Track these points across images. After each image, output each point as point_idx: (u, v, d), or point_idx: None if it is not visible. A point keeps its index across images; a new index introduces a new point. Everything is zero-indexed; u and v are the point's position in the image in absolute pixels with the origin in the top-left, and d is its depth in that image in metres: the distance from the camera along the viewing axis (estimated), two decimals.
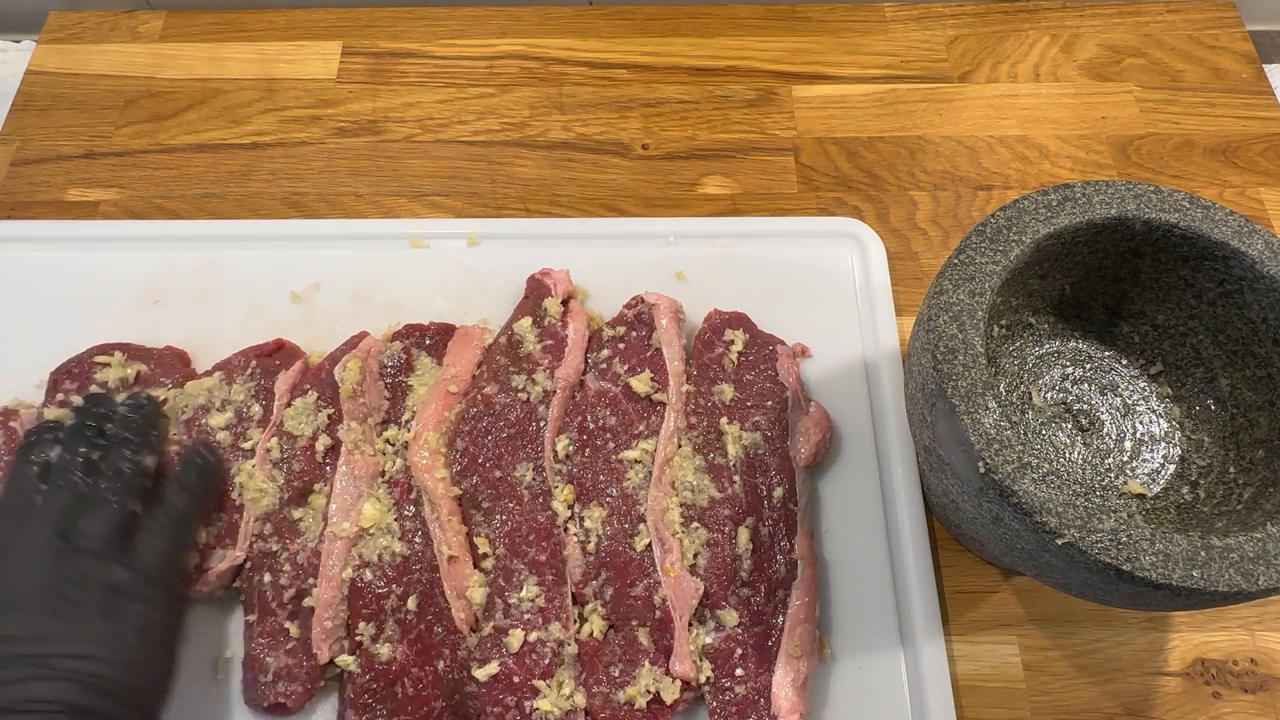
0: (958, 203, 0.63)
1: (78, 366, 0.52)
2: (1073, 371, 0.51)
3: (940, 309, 0.41)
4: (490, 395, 0.51)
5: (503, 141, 0.65)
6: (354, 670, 0.45)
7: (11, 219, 0.62)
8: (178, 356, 0.54)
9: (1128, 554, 0.35)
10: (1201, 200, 0.44)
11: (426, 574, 0.47)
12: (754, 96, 0.67)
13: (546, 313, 0.54)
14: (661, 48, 0.70)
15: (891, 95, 0.68)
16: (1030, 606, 0.50)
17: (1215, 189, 0.63)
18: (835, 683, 0.47)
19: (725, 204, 0.63)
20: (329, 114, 0.67)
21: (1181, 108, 0.67)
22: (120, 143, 0.65)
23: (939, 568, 0.50)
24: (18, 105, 0.67)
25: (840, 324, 0.57)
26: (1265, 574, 0.36)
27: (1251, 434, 0.45)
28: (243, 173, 0.64)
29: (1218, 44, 0.70)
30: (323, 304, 0.57)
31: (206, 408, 0.51)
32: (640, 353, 0.53)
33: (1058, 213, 0.43)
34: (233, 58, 0.69)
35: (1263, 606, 0.50)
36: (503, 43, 0.70)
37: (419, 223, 0.61)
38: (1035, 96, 0.68)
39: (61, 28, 0.71)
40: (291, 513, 0.48)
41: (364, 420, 0.50)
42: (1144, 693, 0.48)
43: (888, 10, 0.72)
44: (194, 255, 0.59)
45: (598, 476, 0.49)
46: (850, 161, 0.64)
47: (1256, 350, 0.45)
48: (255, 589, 0.47)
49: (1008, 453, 0.37)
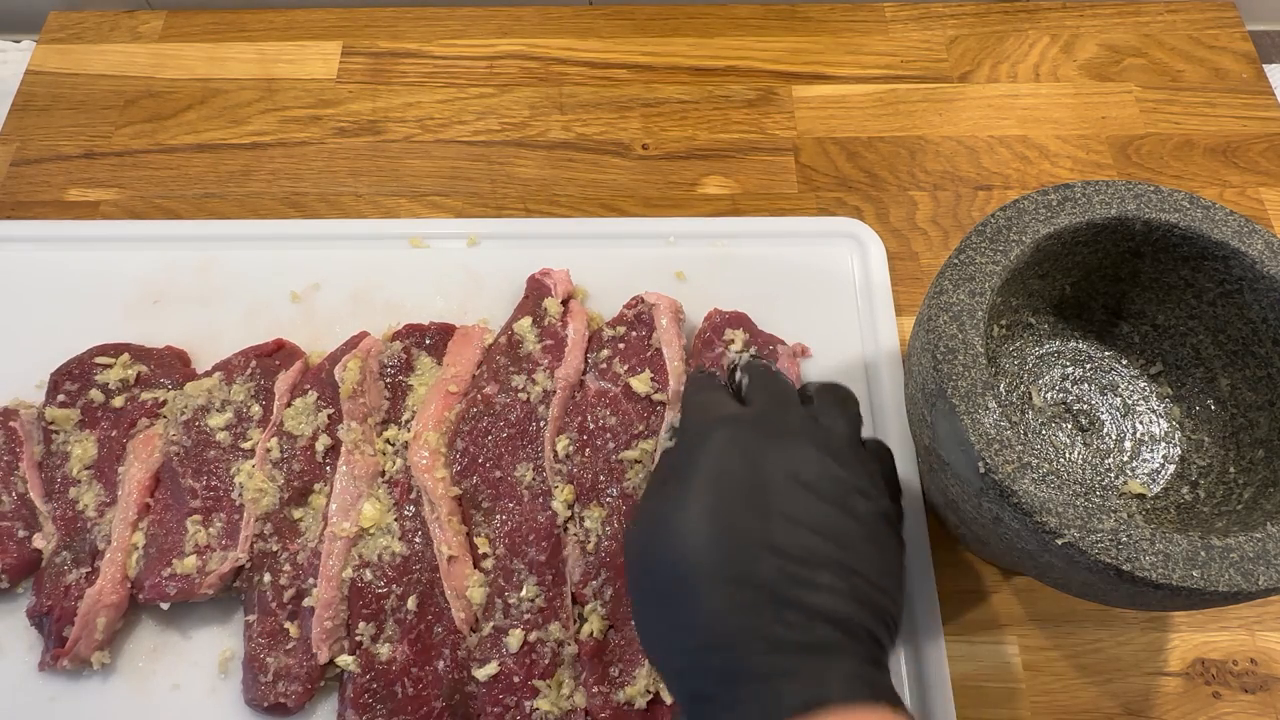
0: (958, 203, 0.63)
1: (78, 367, 0.52)
2: (1073, 371, 0.51)
3: (940, 309, 0.41)
4: (490, 395, 0.51)
5: (503, 141, 0.66)
6: (354, 670, 0.45)
7: (11, 219, 0.62)
8: (177, 356, 0.54)
9: (1128, 554, 0.35)
10: (1201, 200, 0.44)
11: (426, 574, 0.47)
12: (754, 96, 0.68)
13: (546, 313, 0.54)
14: (661, 48, 0.70)
15: (891, 95, 0.68)
16: (1030, 606, 0.50)
17: (1215, 189, 0.63)
18: None
19: (725, 204, 0.63)
20: (329, 114, 0.67)
21: (1181, 108, 0.67)
22: (120, 143, 0.65)
23: (939, 568, 0.50)
24: (18, 105, 0.67)
25: (840, 324, 0.57)
26: (1265, 574, 0.36)
27: (1251, 434, 0.45)
28: (243, 173, 0.64)
29: (1218, 44, 0.70)
30: (323, 304, 0.57)
31: (206, 408, 0.51)
32: (640, 352, 0.53)
33: (1058, 213, 0.43)
34: (233, 58, 0.69)
35: (1263, 606, 0.50)
36: (503, 43, 0.70)
37: (419, 223, 0.61)
38: (1035, 96, 0.68)
39: (61, 28, 0.71)
40: (291, 513, 0.48)
41: (364, 420, 0.50)
42: (1144, 693, 0.48)
43: (888, 10, 0.72)
44: (194, 255, 0.59)
45: (598, 476, 0.49)
46: (850, 161, 0.64)
47: (1256, 350, 0.45)
48: (255, 589, 0.47)
49: (1008, 453, 0.37)
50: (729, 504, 0.35)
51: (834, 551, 0.34)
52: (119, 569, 0.47)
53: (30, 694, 0.46)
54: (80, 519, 0.48)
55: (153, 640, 0.48)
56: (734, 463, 0.36)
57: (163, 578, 0.46)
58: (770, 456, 0.36)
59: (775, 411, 0.39)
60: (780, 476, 0.35)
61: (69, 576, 0.46)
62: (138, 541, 0.48)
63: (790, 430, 0.38)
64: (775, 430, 0.37)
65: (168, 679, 0.47)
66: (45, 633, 0.46)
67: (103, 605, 0.46)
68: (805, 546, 0.34)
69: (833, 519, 0.35)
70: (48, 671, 0.46)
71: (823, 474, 0.36)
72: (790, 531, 0.34)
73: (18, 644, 0.48)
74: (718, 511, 0.35)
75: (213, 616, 0.48)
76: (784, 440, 0.37)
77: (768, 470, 0.35)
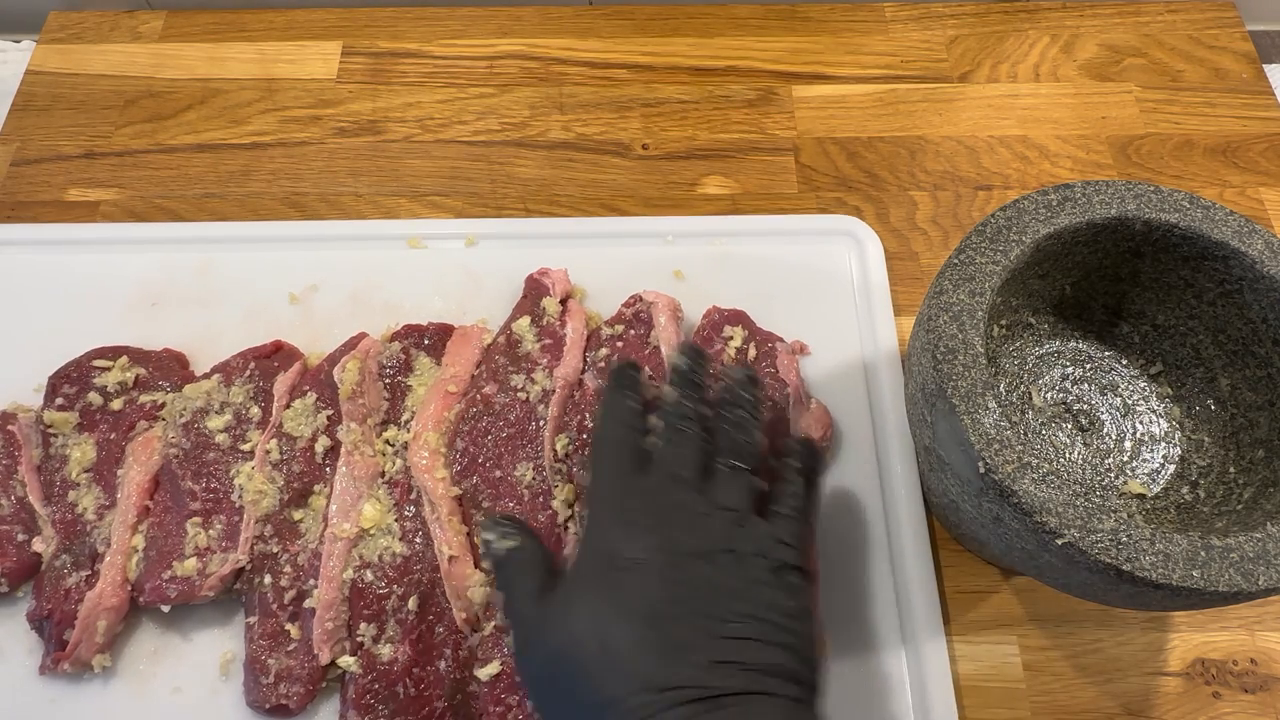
0: (958, 203, 0.63)
1: (76, 370, 0.52)
2: (1073, 371, 0.51)
3: (940, 309, 0.41)
4: (489, 395, 0.51)
5: (503, 141, 0.65)
6: (355, 671, 0.45)
7: (11, 220, 0.62)
8: (176, 359, 0.54)
9: (1128, 554, 0.35)
10: (1201, 200, 0.44)
11: (427, 574, 0.47)
12: (754, 96, 0.67)
13: (545, 312, 0.54)
14: (661, 48, 0.70)
15: (891, 95, 0.68)
16: (1030, 606, 0.50)
17: (1215, 189, 0.63)
18: (836, 681, 0.47)
19: (725, 204, 0.63)
20: (329, 114, 0.67)
21: (1181, 108, 0.67)
22: (120, 143, 0.65)
23: (939, 567, 0.50)
24: (18, 105, 0.67)
25: (838, 322, 0.57)
26: (1265, 574, 0.36)
27: (1251, 434, 0.45)
28: (243, 173, 0.64)
29: (1218, 44, 0.70)
30: (321, 305, 0.57)
31: (205, 410, 0.51)
32: (639, 351, 0.53)
33: (1058, 213, 0.43)
34: (233, 58, 0.69)
35: (1263, 606, 0.50)
36: (503, 43, 0.70)
37: (417, 223, 0.61)
38: (1035, 96, 0.67)
39: (61, 28, 0.71)
40: (291, 514, 0.48)
41: (363, 421, 0.50)
42: (1144, 693, 0.48)
43: (888, 10, 0.72)
44: (191, 257, 0.59)
45: None
46: (850, 161, 0.64)
47: (1256, 350, 0.45)
48: (256, 591, 0.47)
49: (1008, 453, 0.37)
50: (625, 616, 0.36)
51: (735, 608, 0.36)
52: (119, 572, 0.47)
53: (31, 697, 0.46)
54: (80, 522, 0.48)
55: (153, 643, 0.48)
56: (620, 554, 0.38)
57: (163, 580, 0.46)
58: (655, 535, 0.38)
59: (666, 485, 0.40)
60: (664, 556, 0.37)
61: (69, 580, 0.46)
62: (137, 544, 0.48)
63: (676, 505, 0.39)
64: (657, 508, 0.39)
65: (169, 681, 0.47)
66: (45, 636, 0.46)
67: (103, 608, 0.46)
68: (708, 617, 0.36)
69: (727, 582, 0.37)
70: (48, 675, 0.46)
71: (712, 547, 0.37)
72: (688, 612, 0.36)
73: (18, 648, 0.47)
74: (615, 629, 0.36)
75: (213, 619, 0.48)
76: (671, 517, 0.38)
77: (655, 550, 0.37)
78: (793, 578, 0.39)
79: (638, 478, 0.40)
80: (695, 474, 0.40)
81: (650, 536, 0.38)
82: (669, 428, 0.41)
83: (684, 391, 0.43)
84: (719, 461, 0.41)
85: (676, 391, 0.43)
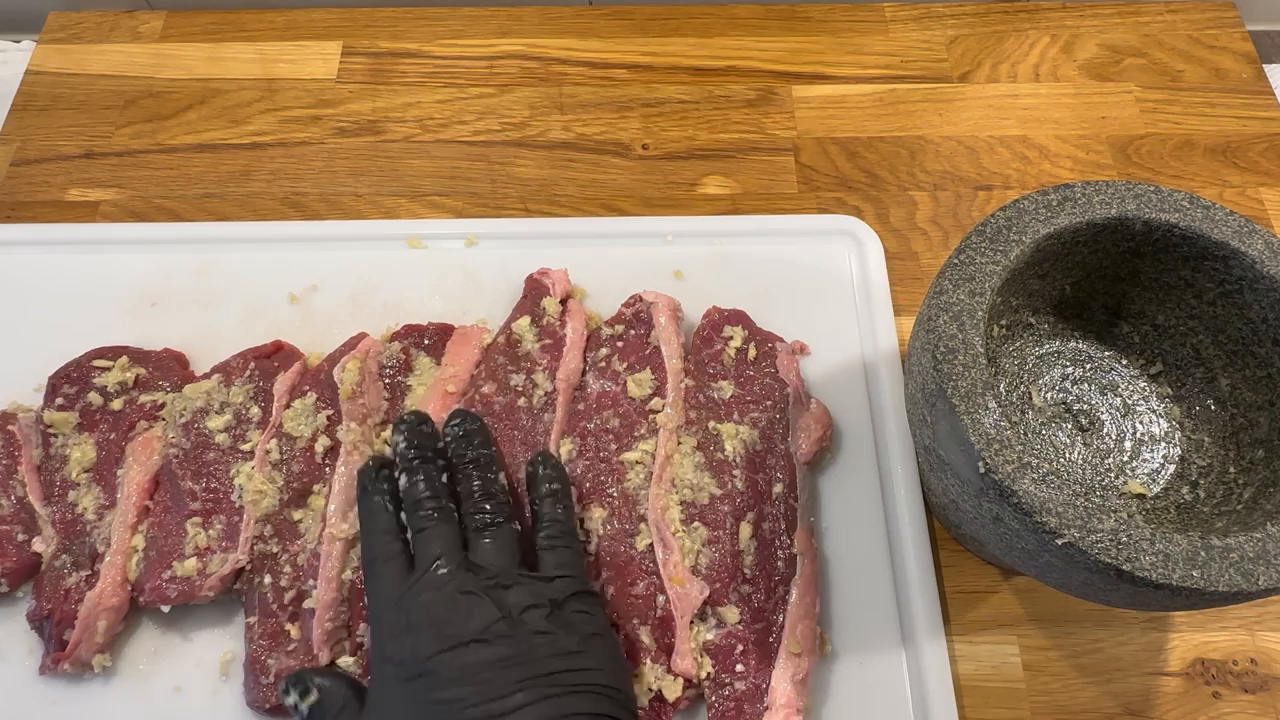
0: (958, 203, 0.63)
1: (76, 370, 0.52)
2: (1073, 371, 0.51)
3: (940, 309, 0.41)
4: (489, 395, 0.51)
5: (503, 141, 0.65)
6: (355, 671, 0.45)
7: (11, 219, 0.62)
8: (176, 359, 0.54)
9: (1128, 554, 0.35)
10: (1201, 200, 0.44)
11: None
12: (754, 96, 0.67)
13: (545, 312, 0.54)
14: (661, 48, 0.70)
15: (891, 95, 0.68)
16: (1030, 606, 0.50)
17: (1215, 189, 0.63)
18: (837, 680, 0.47)
19: (725, 204, 0.63)
20: (329, 114, 0.67)
21: (1181, 108, 0.67)
22: (120, 143, 0.65)
23: (939, 567, 0.50)
24: (18, 105, 0.67)
25: (838, 322, 0.57)
26: (1265, 574, 0.36)
27: (1251, 434, 0.45)
28: (243, 173, 0.64)
29: (1218, 44, 0.70)
30: (321, 305, 0.57)
31: (205, 410, 0.51)
32: (639, 351, 0.53)
33: (1058, 213, 0.43)
34: (233, 58, 0.69)
35: (1263, 606, 0.50)
36: (503, 43, 0.70)
37: (417, 223, 0.61)
38: (1035, 96, 0.67)
39: (61, 28, 0.71)
40: (291, 514, 0.48)
41: (363, 421, 0.50)
42: (1144, 693, 0.48)
43: (888, 10, 0.72)
44: (191, 258, 0.59)
45: (599, 478, 0.49)
46: (850, 161, 0.64)
47: (1256, 350, 0.45)
48: (255, 591, 0.47)
49: (1008, 453, 0.37)
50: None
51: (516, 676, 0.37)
52: (119, 572, 0.47)
53: (31, 698, 0.46)
54: (80, 522, 0.48)
55: (153, 643, 0.48)
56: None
57: (163, 580, 0.46)
58: (430, 635, 0.38)
59: (432, 580, 0.40)
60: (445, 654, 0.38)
61: (69, 580, 0.46)
62: (137, 544, 0.48)
63: (445, 597, 0.39)
64: (426, 606, 0.39)
65: (169, 681, 0.47)
66: (45, 636, 0.46)
67: (103, 608, 0.46)
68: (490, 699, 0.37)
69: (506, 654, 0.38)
70: (48, 675, 0.46)
71: (485, 623, 0.38)
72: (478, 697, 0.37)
73: (18, 648, 0.47)
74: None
75: (213, 619, 0.48)
76: (441, 612, 0.39)
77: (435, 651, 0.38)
78: (576, 605, 0.40)
79: (405, 581, 0.41)
80: (453, 554, 0.41)
81: (426, 640, 0.38)
82: (412, 517, 0.42)
83: (416, 450, 0.43)
84: (472, 529, 0.42)
85: (408, 447, 0.44)
